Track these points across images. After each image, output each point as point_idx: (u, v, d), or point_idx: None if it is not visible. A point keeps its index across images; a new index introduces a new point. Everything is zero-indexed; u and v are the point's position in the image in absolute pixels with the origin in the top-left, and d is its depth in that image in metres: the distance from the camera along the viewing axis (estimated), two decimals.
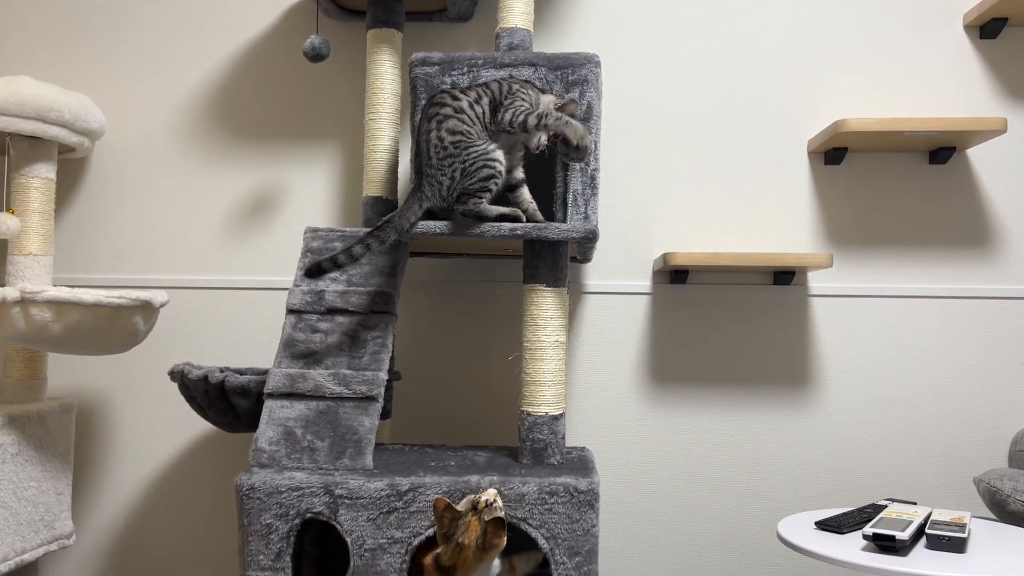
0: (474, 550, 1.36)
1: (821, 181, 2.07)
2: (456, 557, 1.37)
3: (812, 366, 2.06)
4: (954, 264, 2.05)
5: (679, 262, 1.88)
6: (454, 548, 1.37)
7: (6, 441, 1.76)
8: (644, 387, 2.07)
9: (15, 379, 1.93)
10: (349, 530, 1.46)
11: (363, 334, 1.66)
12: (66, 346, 1.76)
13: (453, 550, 1.37)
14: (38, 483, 1.86)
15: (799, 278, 2.06)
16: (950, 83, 2.06)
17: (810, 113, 2.08)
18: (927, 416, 2.03)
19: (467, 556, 1.36)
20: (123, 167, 2.16)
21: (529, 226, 1.60)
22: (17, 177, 1.93)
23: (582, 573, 1.46)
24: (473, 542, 1.36)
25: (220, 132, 2.15)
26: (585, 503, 1.47)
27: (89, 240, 2.16)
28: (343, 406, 1.58)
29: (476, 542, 1.36)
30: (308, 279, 1.68)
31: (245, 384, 1.69)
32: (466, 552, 1.36)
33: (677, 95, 2.10)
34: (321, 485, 1.46)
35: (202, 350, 2.13)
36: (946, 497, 2.02)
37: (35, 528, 1.85)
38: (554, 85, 1.69)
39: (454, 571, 1.38)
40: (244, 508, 1.46)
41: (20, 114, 1.85)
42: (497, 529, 1.36)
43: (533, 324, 1.66)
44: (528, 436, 1.64)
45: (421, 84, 1.71)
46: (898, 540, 1.43)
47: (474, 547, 1.36)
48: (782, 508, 2.04)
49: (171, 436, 2.12)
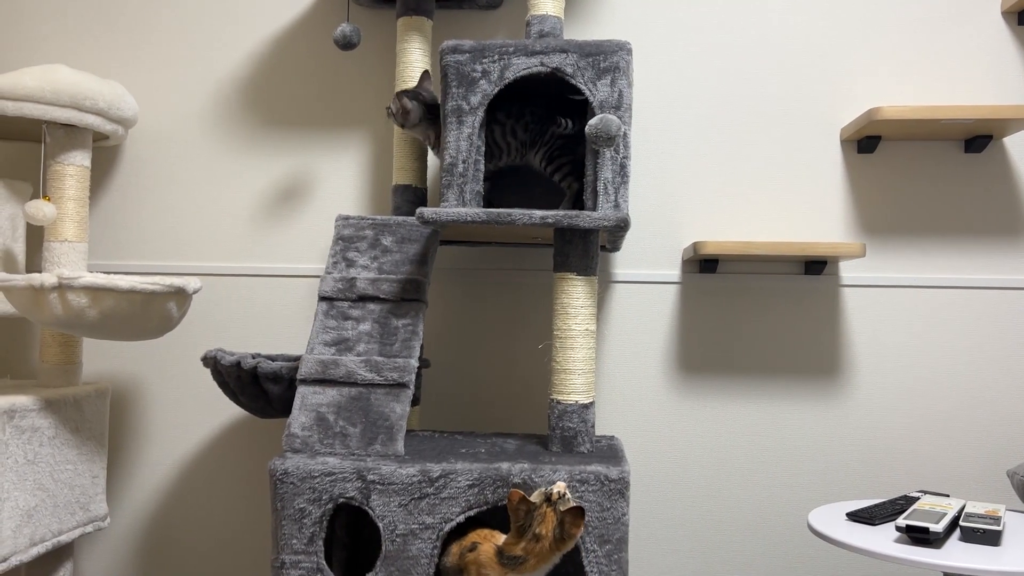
0: (551, 540, 1.38)
1: (854, 170, 2.05)
2: (532, 548, 1.39)
3: (843, 356, 2.04)
4: (989, 254, 2.02)
5: (709, 251, 1.87)
6: (530, 539, 1.39)
7: (43, 424, 1.79)
8: (673, 377, 2.07)
9: (51, 364, 1.96)
10: (381, 515, 1.47)
11: (394, 322, 1.67)
12: (101, 332, 1.78)
13: (530, 541, 1.39)
14: (74, 466, 1.89)
15: (830, 268, 2.04)
16: (986, 70, 2.03)
17: (843, 101, 2.06)
18: (960, 408, 2.01)
19: (544, 547, 1.39)
20: (155, 155, 2.19)
21: (560, 214, 1.60)
22: (53, 165, 1.95)
23: (612, 561, 1.46)
24: (551, 532, 1.38)
25: (251, 120, 2.17)
26: (616, 491, 1.47)
27: (121, 227, 2.19)
28: (375, 393, 1.59)
29: (554, 532, 1.38)
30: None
31: (277, 370, 1.70)
32: (543, 543, 1.38)
33: (708, 83, 2.08)
34: (353, 470, 1.48)
35: (232, 337, 2.15)
36: (979, 490, 2.00)
37: (71, 510, 1.88)
38: (585, 72, 1.68)
39: (526, 562, 1.40)
40: (278, 492, 1.48)
41: (56, 102, 1.87)
42: (576, 519, 1.38)
43: (563, 312, 1.66)
44: (558, 424, 1.64)
45: (452, 71, 1.71)
46: (932, 532, 1.43)
47: (551, 538, 1.38)
48: (812, 499, 2.03)
49: (203, 421, 2.15)
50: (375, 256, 1.75)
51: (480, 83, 1.70)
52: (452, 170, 1.71)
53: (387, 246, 1.76)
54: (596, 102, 1.68)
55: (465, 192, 1.71)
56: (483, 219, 1.61)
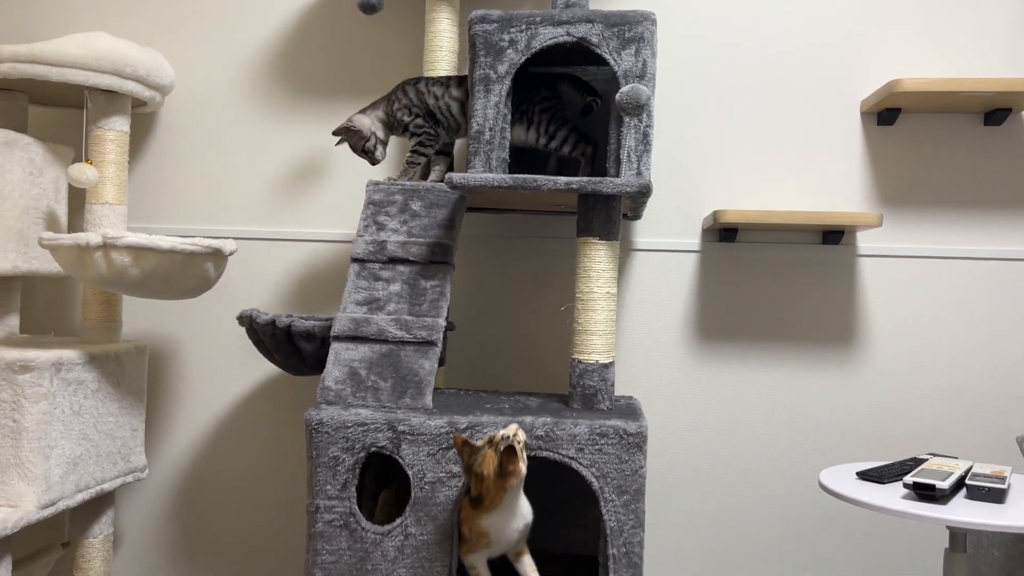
0: (493, 479, 1.45)
1: (874, 142, 2.08)
2: (480, 487, 1.47)
3: (858, 325, 2.09)
4: (1004, 226, 2.05)
5: (729, 220, 1.92)
6: (475, 478, 1.47)
7: (87, 378, 1.88)
8: (691, 342, 2.12)
9: (93, 321, 2.05)
10: (410, 464, 1.55)
11: (422, 283, 1.73)
12: (143, 290, 1.86)
13: (475, 480, 1.47)
14: (115, 419, 1.98)
15: (848, 238, 2.08)
16: (1007, 43, 2.05)
17: (864, 73, 2.08)
18: (972, 376, 2.06)
19: (488, 485, 1.46)
20: (190, 121, 2.26)
21: (583, 180, 1.65)
22: (94, 129, 2.02)
23: (630, 511, 1.53)
24: (492, 471, 1.45)
25: (283, 87, 2.23)
26: (634, 445, 1.53)
27: (157, 192, 2.26)
28: (404, 350, 1.66)
29: (494, 471, 1.45)
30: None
31: (310, 329, 1.78)
32: (487, 481, 1.46)
33: (730, 54, 2.12)
34: (385, 421, 1.55)
35: (264, 299, 2.23)
36: (988, 456, 2.05)
37: (113, 460, 1.98)
38: (610, 41, 1.72)
39: (482, 501, 1.48)
40: (313, 441, 1.56)
41: (98, 68, 1.94)
42: (510, 456, 1.44)
43: (585, 276, 1.72)
44: (579, 383, 1.71)
45: (480, 42, 1.76)
46: (938, 489, 1.48)
47: (493, 476, 1.45)
48: (824, 462, 2.09)
49: (236, 379, 2.23)
50: (404, 220, 1.81)
51: (507, 52, 1.75)
52: (479, 137, 1.77)
53: (416, 211, 1.82)
54: (621, 72, 1.72)
55: (492, 159, 1.77)
56: (509, 184, 1.66)
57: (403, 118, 1.91)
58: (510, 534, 1.51)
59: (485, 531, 1.49)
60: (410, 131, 1.91)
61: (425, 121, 1.90)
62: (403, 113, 1.91)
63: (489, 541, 1.51)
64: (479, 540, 1.50)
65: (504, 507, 1.48)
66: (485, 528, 1.49)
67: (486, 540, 1.50)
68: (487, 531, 1.49)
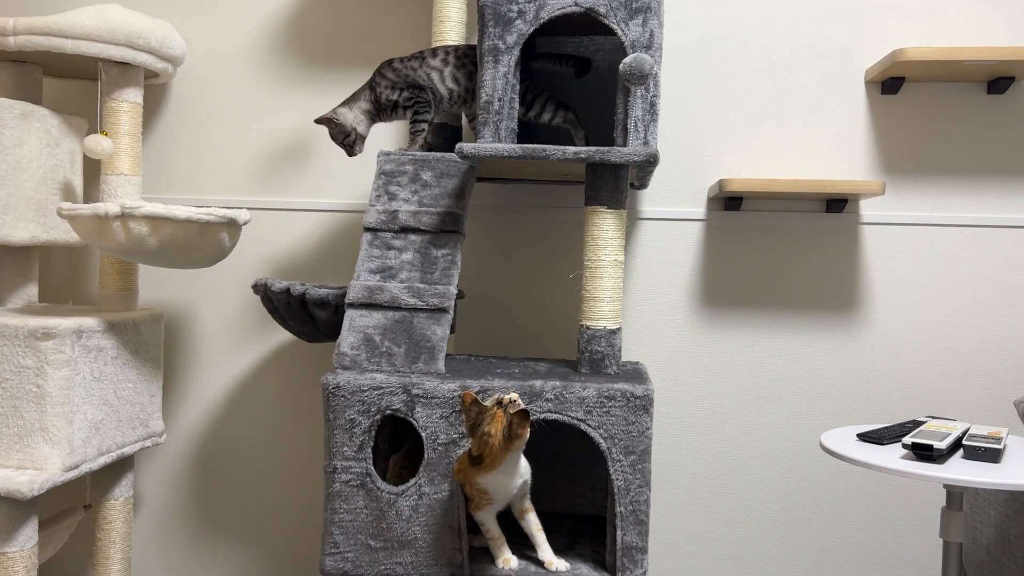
0: (500, 440, 1.48)
1: (878, 111, 2.11)
2: (483, 447, 1.49)
3: (860, 292, 2.12)
4: (1007, 194, 2.08)
5: (734, 188, 1.95)
6: (480, 438, 1.49)
7: (107, 345, 1.93)
8: (697, 309, 2.16)
9: (110, 290, 2.09)
10: (424, 426, 1.60)
11: (434, 251, 1.77)
12: (159, 259, 1.90)
13: (480, 439, 1.49)
14: (134, 384, 2.03)
15: (851, 206, 2.12)
16: (1011, 12, 2.06)
17: (868, 42, 2.10)
18: (971, 342, 2.10)
19: (493, 445, 1.48)
20: (201, 93, 2.28)
21: (592, 149, 1.68)
22: (108, 101, 2.05)
23: (636, 470, 1.59)
24: (500, 432, 1.47)
25: (293, 58, 2.25)
26: (640, 407, 1.58)
27: (169, 163, 2.30)
28: (417, 316, 1.70)
29: (503, 432, 1.47)
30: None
31: (324, 296, 1.82)
32: (492, 441, 1.47)
33: (736, 24, 2.13)
34: (399, 385, 1.60)
35: (276, 268, 2.27)
36: (987, 419, 2.09)
37: (132, 425, 2.03)
38: (618, 12, 1.74)
39: (482, 460, 1.51)
40: (330, 404, 1.61)
41: (111, 40, 1.97)
42: (522, 420, 1.47)
43: (593, 244, 1.75)
44: (587, 348, 1.75)
45: (489, 11, 1.78)
46: (936, 449, 1.52)
47: (500, 436, 1.47)
48: (825, 425, 2.14)
49: (251, 346, 2.29)
50: (415, 190, 1.84)
51: (516, 23, 1.77)
52: (488, 108, 1.79)
53: (427, 180, 1.85)
54: (628, 42, 1.74)
55: (501, 129, 1.79)
56: (519, 154, 1.69)
57: (392, 96, 1.94)
58: (509, 490, 1.56)
59: (484, 488, 1.54)
60: (402, 105, 1.94)
61: (412, 92, 1.93)
62: (390, 92, 1.94)
63: (491, 498, 1.56)
64: (482, 497, 1.56)
65: (503, 468, 1.52)
66: (483, 486, 1.54)
67: (488, 497, 1.56)
68: (486, 488, 1.54)
